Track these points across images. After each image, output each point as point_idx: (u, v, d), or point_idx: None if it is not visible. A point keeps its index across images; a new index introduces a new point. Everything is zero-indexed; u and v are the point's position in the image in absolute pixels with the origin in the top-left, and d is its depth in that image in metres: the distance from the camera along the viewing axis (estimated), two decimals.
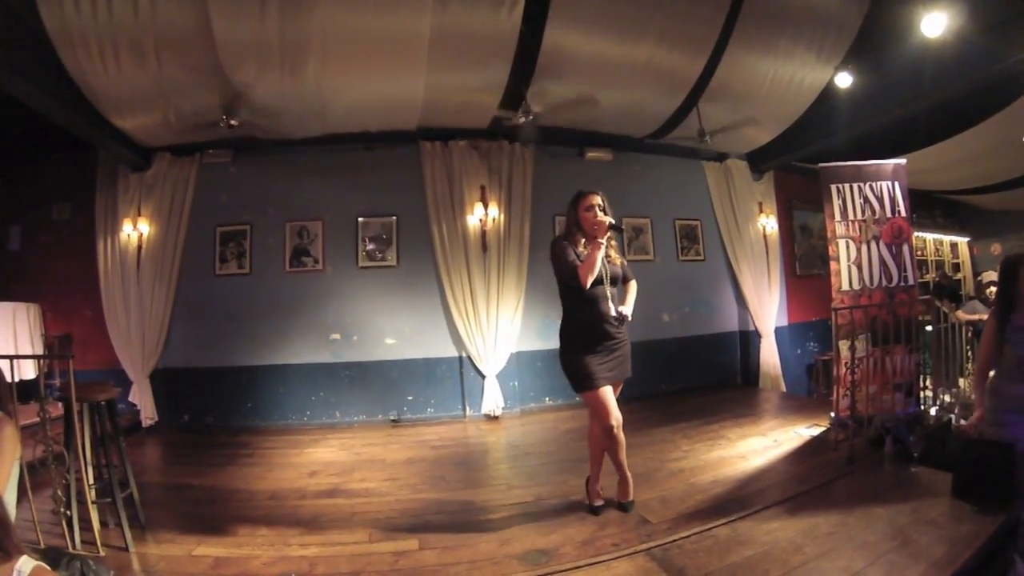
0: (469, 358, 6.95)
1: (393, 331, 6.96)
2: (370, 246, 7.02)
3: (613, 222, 3.37)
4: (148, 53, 4.95)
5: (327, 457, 5.35)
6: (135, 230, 6.61)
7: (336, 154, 6.96)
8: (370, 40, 5.01)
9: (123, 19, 4.57)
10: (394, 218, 7.05)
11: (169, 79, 5.29)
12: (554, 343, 7.13)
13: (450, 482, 4.49)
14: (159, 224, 6.64)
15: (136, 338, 6.58)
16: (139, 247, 6.61)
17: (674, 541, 3.13)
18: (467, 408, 6.95)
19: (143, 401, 6.57)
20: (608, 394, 3.44)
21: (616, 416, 3.43)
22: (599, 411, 3.46)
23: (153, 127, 6.12)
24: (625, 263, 3.76)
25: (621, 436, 3.49)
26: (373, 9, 4.78)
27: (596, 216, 3.40)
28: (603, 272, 3.44)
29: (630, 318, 3.58)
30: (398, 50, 5.15)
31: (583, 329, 3.50)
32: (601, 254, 3.34)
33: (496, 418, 6.76)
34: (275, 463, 5.18)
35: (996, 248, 11.57)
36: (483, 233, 6.94)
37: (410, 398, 6.90)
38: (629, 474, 3.68)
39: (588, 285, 3.34)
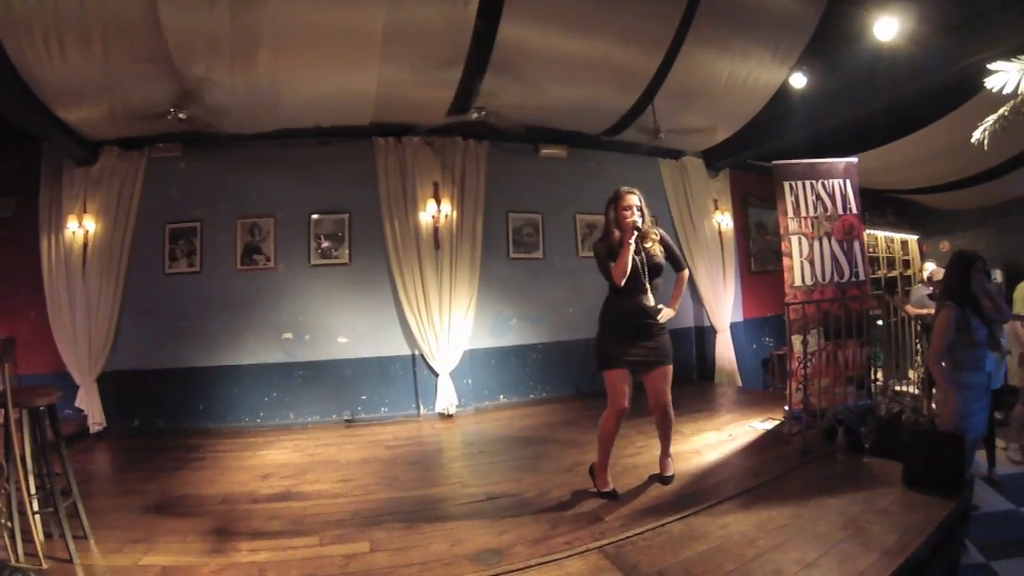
0: (422, 356, 6.89)
1: (346, 329, 6.86)
2: (324, 244, 6.90)
3: (640, 226, 3.59)
4: (94, 42, 4.76)
5: (280, 459, 5.24)
6: (81, 227, 6.34)
7: (289, 149, 6.82)
8: (323, 32, 4.91)
9: (69, 6, 4.38)
10: (347, 215, 6.95)
11: (116, 69, 5.09)
12: (507, 341, 7.48)
13: (404, 482, 4.44)
14: (106, 220, 6.40)
15: (82, 340, 6.33)
16: (85, 245, 6.36)
17: (627, 538, 3.11)
18: (421, 407, 6.89)
19: (90, 406, 6.32)
20: (624, 377, 3.65)
21: (628, 400, 3.67)
22: (614, 391, 3.68)
23: (100, 119, 5.91)
24: (677, 252, 3.99)
25: (671, 413, 3.82)
26: (325, 0, 4.69)
27: (632, 216, 3.60)
28: (640, 267, 3.63)
29: (673, 313, 3.85)
30: (351, 43, 5.06)
31: (618, 318, 3.72)
32: (631, 254, 3.55)
33: (450, 417, 6.71)
34: (227, 466, 5.05)
35: (944, 245, 11.95)
36: (436, 230, 6.89)
37: (364, 397, 6.81)
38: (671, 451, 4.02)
39: (622, 283, 3.58)
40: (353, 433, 6.17)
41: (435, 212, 6.86)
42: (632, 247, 3.56)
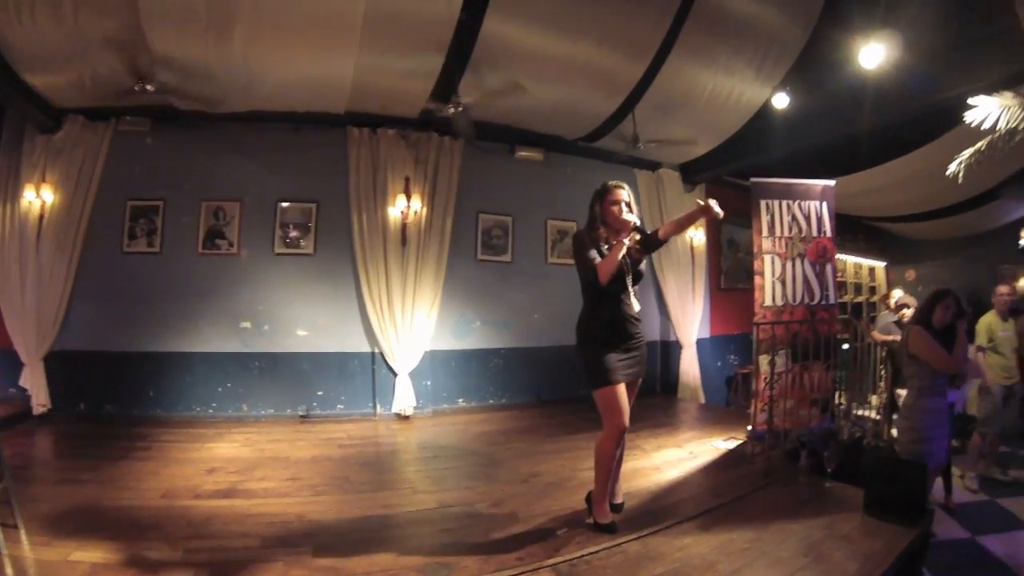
0: (382, 354, 6.74)
1: (306, 322, 6.66)
2: (291, 233, 6.69)
3: (638, 223, 3.36)
4: (65, 6, 4.56)
5: (229, 453, 5.03)
6: (38, 197, 6.05)
7: (260, 133, 6.60)
8: (302, 13, 4.75)
9: None
10: (315, 204, 6.76)
11: (86, 35, 4.88)
12: (469, 344, 7.30)
13: (354, 484, 4.29)
14: (65, 192, 6.11)
15: (31, 316, 6.04)
16: (41, 216, 6.07)
17: (582, 556, 3.00)
18: (378, 406, 6.72)
19: (35, 386, 6.03)
20: (623, 392, 3.31)
21: (627, 417, 3.33)
22: (613, 410, 3.29)
23: (66, 87, 5.65)
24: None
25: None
26: None
27: (622, 212, 3.35)
28: (625, 269, 3.36)
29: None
30: (331, 26, 4.91)
31: (604, 325, 3.38)
32: (623, 252, 3.27)
33: (407, 418, 6.56)
34: (173, 458, 4.82)
35: (910, 274, 12.29)
36: (404, 226, 6.74)
37: (320, 393, 6.62)
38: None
39: (607, 282, 3.27)
40: (307, 429, 6.00)
41: (404, 208, 6.71)
42: (625, 245, 3.27)
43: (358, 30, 4.90)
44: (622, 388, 3.30)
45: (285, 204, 6.69)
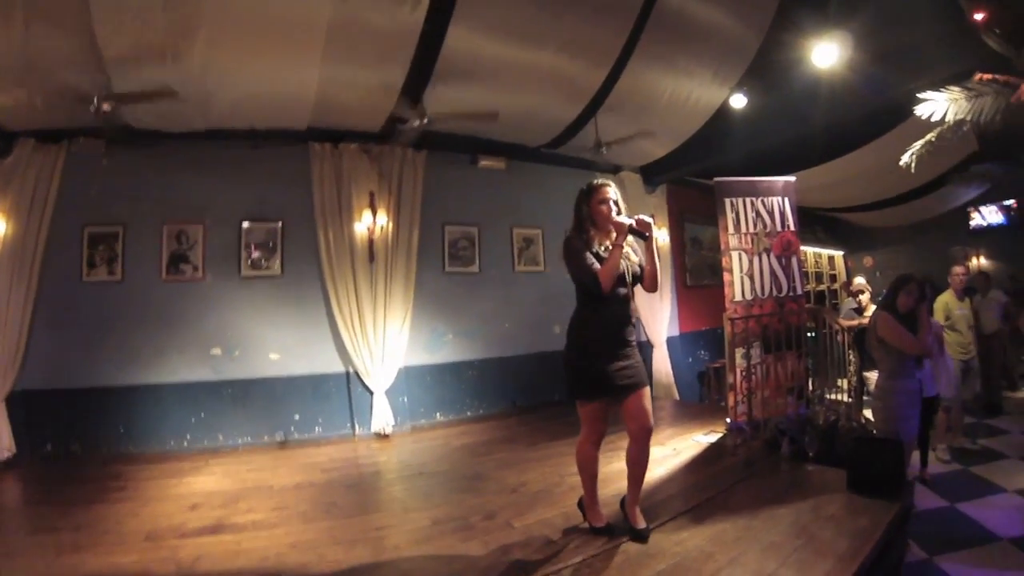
0: (356, 373, 6.64)
1: (278, 345, 6.51)
2: (255, 253, 6.55)
3: (634, 224, 3.16)
4: (16, 21, 4.36)
5: (210, 486, 4.86)
6: None
7: (219, 151, 6.42)
8: (264, 26, 4.68)
9: None
10: (279, 223, 6.62)
11: (38, 51, 4.67)
12: (442, 357, 7.30)
13: (343, 508, 4.20)
14: (17, 220, 5.80)
15: None
16: None
17: (583, 560, 3.01)
18: (356, 426, 6.62)
19: None
20: (596, 408, 3.20)
21: (600, 432, 3.25)
22: (585, 421, 3.25)
23: (16, 107, 5.39)
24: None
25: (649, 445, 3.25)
26: None
27: (611, 211, 3.23)
28: (623, 272, 3.22)
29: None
30: (293, 39, 4.84)
31: (600, 334, 3.19)
32: (621, 255, 3.17)
33: (387, 436, 6.47)
34: (151, 496, 4.61)
35: (868, 260, 12.83)
36: (371, 242, 6.67)
37: (297, 417, 6.47)
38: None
39: (610, 289, 3.13)
40: (287, 455, 5.86)
41: (371, 223, 6.65)
42: (623, 249, 3.16)
43: (322, 41, 4.85)
44: (605, 404, 3.20)
45: (248, 224, 6.53)
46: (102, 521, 4.03)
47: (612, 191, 3.30)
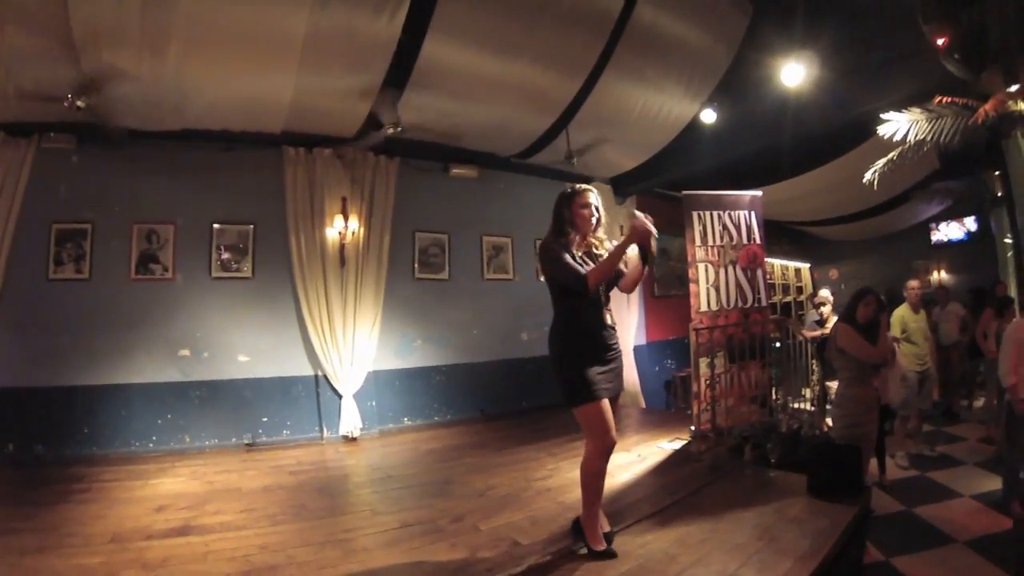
0: (325, 377, 6.64)
1: (247, 347, 6.47)
2: (225, 255, 6.51)
3: (654, 232, 3.13)
4: None
5: (176, 488, 4.79)
6: None
7: (192, 152, 6.37)
8: (241, 32, 4.69)
9: None
10: (251, 226, 6.60)
11: (10, 43, 4.59)
12: (411, 362, 7.34)
13: (312, 511, 4.18)
14: None
15: None
16: None
17: (549, 562, 3.06)
18: (324, 429, 6.60)
19: None
20: (607, 408, 3.05)
21: (615, 433, 3.09)
22: (598, 427, 3.03)
23: None
24: None
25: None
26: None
27: (592, 215, 3.25)
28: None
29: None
30: (270, 45, 4.86)
31: (583, 336, 3.16)
32: (620, 259, 3.16)
33: (355, 440, 6.46)
34: (116, 498, 4.52)
35: (833, 273, 13.20)
36: (342, 247, 6.70)
37: (265, 420, 6.43)
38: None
39: (595, 289, 3.11)
40: (254, 458, 5.80)
41: (342, 228, 6.67)
42: (624, 252, 3.13)
43: (299, 48, 4.88)
44: (606, 403, 3.06)
45: (220, 226, 6.50)
46: (66, 523, 3.95)
47: (594, 196, 3.31)
